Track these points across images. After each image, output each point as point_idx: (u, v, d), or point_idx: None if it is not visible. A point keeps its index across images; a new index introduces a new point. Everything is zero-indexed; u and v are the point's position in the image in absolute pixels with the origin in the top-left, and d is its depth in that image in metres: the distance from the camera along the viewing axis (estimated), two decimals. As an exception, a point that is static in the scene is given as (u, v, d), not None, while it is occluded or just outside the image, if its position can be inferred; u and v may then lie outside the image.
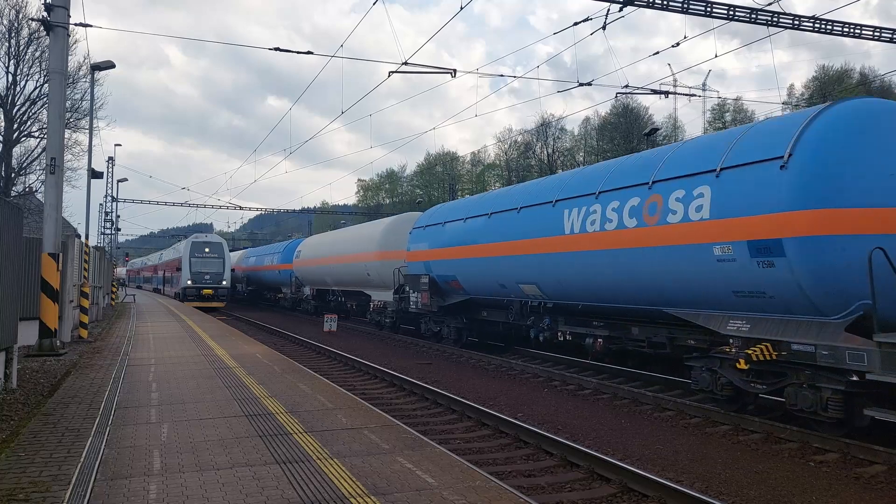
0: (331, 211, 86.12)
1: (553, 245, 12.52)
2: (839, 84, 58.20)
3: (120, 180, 45.34)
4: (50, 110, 13.64)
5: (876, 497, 6.41)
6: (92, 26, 16.40)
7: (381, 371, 14.04)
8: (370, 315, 25.36)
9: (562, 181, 13.43)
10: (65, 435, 6.57)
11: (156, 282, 59.54)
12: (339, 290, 29.33)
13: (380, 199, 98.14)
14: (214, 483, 5.06)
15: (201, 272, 36.97)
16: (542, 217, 13.05)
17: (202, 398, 8.48)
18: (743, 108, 67.19)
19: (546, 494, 6.46)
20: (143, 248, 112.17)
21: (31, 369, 11.20)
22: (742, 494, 6.46)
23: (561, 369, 14.16)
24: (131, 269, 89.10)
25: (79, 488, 4.93)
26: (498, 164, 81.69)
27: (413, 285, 19.19)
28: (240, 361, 12.10)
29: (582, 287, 12.14)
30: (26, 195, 32.92)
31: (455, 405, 10.45)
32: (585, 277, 11.88)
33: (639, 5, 16.17)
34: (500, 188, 25.70)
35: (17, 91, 30.92)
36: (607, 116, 69.82)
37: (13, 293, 9.33)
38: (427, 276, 18.20)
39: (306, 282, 33.90)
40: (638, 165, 11.18)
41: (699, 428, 9.18)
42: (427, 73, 17.44)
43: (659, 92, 22.32)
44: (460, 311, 17.86)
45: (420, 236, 19.28)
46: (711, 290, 9.20)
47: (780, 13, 17.56)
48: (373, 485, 5.01)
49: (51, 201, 13.11)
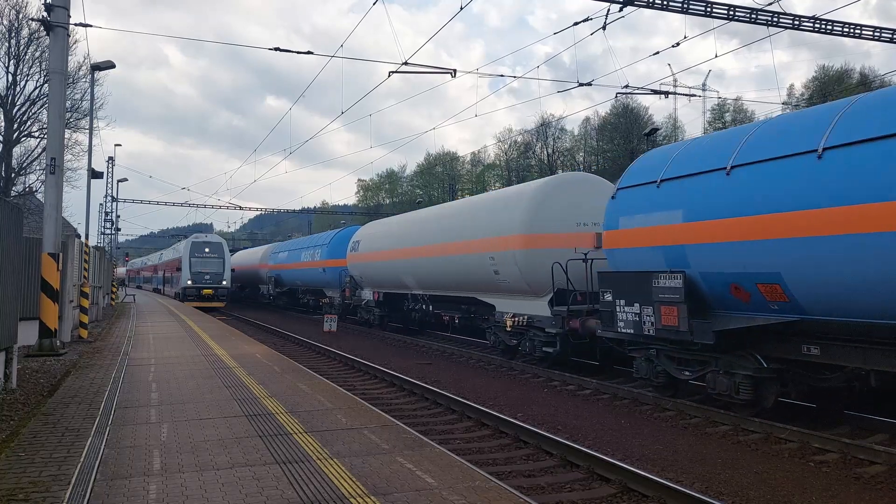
0: (331, 211, 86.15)
1: None
2: (839, 84, 58.20)
3: (120, 180, 45.36)
4: (50, 110, 13.64)
5: (876, 497, 6.41)
6: (92, 26, 16.40)
7: (380, 371, 14.04)
8: (496, 336, 15.91)
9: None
10: (65, 435, 6.57)
11: (156, 282, 59.53)
12: (427, 294, 20.28)
13: (380, 199, 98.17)
14: (214, 483, 5.06)
15: (201, 272, 36.99)
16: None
17: (202, 398, 8.48)
18: (743, 108, 67.26)
19: (546, 494, 6.46)
20: (143, 248, 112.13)
21: (31, 369, 11.20)
22: (742, 494, 6.46)
23: (561, 369, 14.15)
24: (131, 269, 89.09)
25: (79, 488, 4.93)
26: (498, 164, 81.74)
27: None
28: (240, 361, 12.10)
29: None
30: (26, 195, 32.89)
31: (455, 405, 10.45)
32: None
33: (639, 5, 16.18)
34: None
35: (17, 91, 30.94)
36: (607, 116, 69.90)
37: (13, 293, 9.33)
38: None
39: (368, 283, 25.04)
40: None
41: (699, 428, 9.18)
42: (427, 73, 17.44)
43: (659, 92, 22.32)
44: None
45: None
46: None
47: (780, 13, 17.57)
48: (373, 485, 5.01)
49: (51, 201, 13.11)
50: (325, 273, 29.90)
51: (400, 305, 22.91)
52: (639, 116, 66.15)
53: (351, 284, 26.52)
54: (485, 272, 15.51)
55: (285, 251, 37.60)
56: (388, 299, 23.71)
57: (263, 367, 11.44)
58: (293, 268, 35.11)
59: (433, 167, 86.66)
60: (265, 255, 41.05)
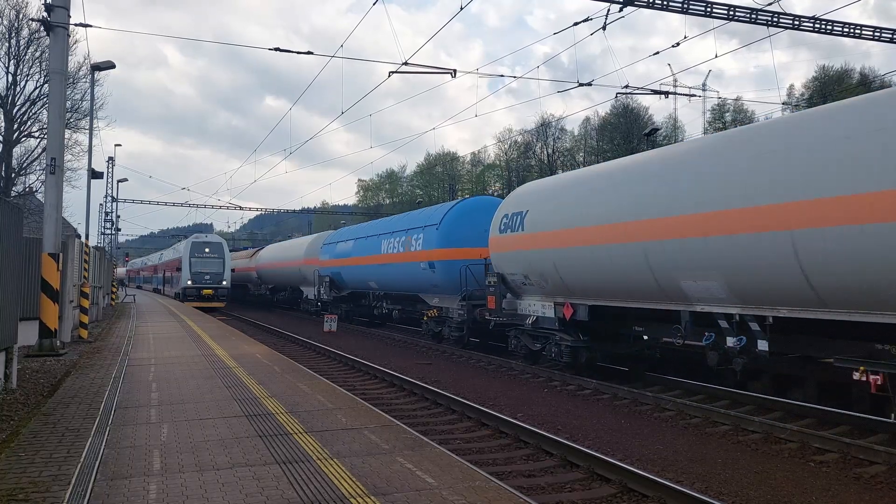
0: (331, 211, 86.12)
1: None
2: (839, 84, 58.20)
3: (120, 180, 45.38)
4: (50, 110, 13.64)
5: (876, 497, 6.41)
6: (92, 26, 16.41)
7: (381, 371, 14.04)
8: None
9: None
10: (65, 435, 6.57)
11: (156, 282, 59.53)
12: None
13: (380, 199, 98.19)
14: (214, 483, 5.06)
15: (201, 272, 37.00)
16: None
17: (202, 398, 8.48)
18: (743, 108, 67.23)
19: (546, 494, 6.46)
20: (143, 249, 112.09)
21: (31, 369, 11.20)
22: (742, 494, 6.46)
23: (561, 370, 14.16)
24: (131, 269, 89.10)
25: (79, 488, 4.94)
26: (498, 164, 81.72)
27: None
28: (240, 361, 12.10)
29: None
30: (26, 195, 32.90)
31: (455, 405, 10.45)
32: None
33: (639, 5, 16.18)
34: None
35: (17, 91, 30.98)
36: (607, 117, 69.88)
37: (13, 293, 9.33)
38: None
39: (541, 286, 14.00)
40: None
41: (699, 428, 9.19)
42: (427, 73, 17.44)
43: (659, 92, 22.29)
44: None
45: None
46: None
47: (779, 13, 17.57)
48: (373, 485, 5.01)
49: (51, 201, 13.11)
50: (426, 271, 19.60)
51: None
52: (639, 116, 66.13)
53: (498, 288, 15.16)
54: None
55: (349, 240, 27.00)
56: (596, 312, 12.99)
57: (263, 367, 11.44)
58: (365, 263, 24.73)
59: (433, 167, 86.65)
60: (312, 248, 31.83)
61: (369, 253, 24.14)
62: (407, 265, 20.77)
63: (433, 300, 20.13)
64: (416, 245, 20.21)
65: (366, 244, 24.74)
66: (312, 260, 31.12)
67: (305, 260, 32.24)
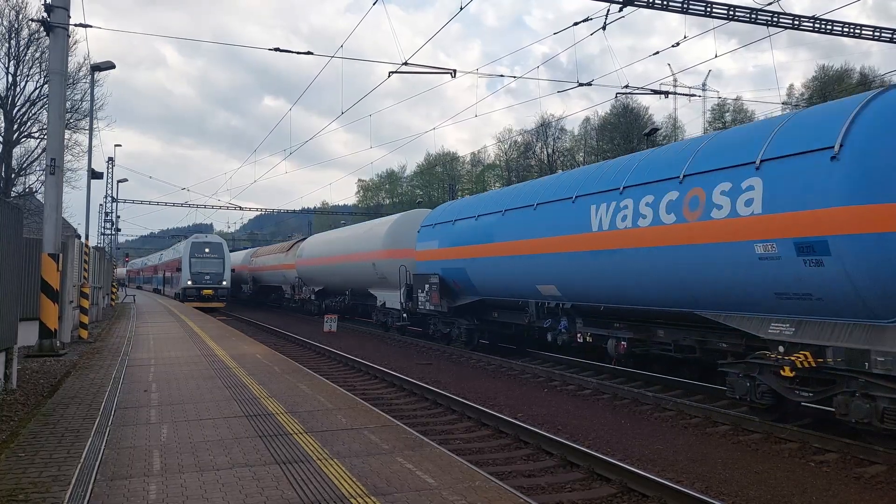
0: (331, 211, 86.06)
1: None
2: (839, 84, 58.18)
3: (120, 181, 45.37)
4: (50, 111, 13.64)
5: (876, 497, 6.41)
6: (92, 27, 16.42)
7: (381, 371, 14.04)
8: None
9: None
10: (65, 435, 6.57)
11: (156, 282, 59.52)
12: None
13: (380, 199, 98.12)
14: (214, 483, 5.06)
15: (201, 272, 37.02)
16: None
17: (202, 399, 8.48)
18: (743, 108, 67.21)
19: (546, 494, 6.46)
20: (143, 249, 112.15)
21: (31, 370, 11.20)
22: (742, 494, 6.46)
23: (561, 369, 14.16)
24: (131, 270, 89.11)
25: (79, 489, 4.94)
26: (498, 164, 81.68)
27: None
28: (240, 362, 12.10)
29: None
30: (26, 196, 32.90)
31: (455, 405, 10.44)
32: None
33: (638, 5, 16.16)
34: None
35: (17, 92, 30.95)
36: (607, 116, 69.83)
37: (13, 293, 9.33)
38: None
39: None
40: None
41: (699, 428, 9.19)
42: (427, 73, 17.45)
43: (659, 92, 22.29)
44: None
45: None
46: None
47: (779, 13, 17.56)
48: (373, 485, 5.01)
49: (51, 202, 13.11)
50: None
51: None
52: (639, 116, 66.09)
53: None
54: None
55: (489, 213, 16.02)
56: None
57: (263, 367, 11.44)
58: (532, 251, 13.81)
59: (433, 167, 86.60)
60: (400, 232, 22.73)
61: (548, 233, 13.09)
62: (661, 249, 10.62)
63: None
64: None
65: (535, 218, 13.64)
66: (401, 251, 21.88)
67: (386, 251, 22.70)
